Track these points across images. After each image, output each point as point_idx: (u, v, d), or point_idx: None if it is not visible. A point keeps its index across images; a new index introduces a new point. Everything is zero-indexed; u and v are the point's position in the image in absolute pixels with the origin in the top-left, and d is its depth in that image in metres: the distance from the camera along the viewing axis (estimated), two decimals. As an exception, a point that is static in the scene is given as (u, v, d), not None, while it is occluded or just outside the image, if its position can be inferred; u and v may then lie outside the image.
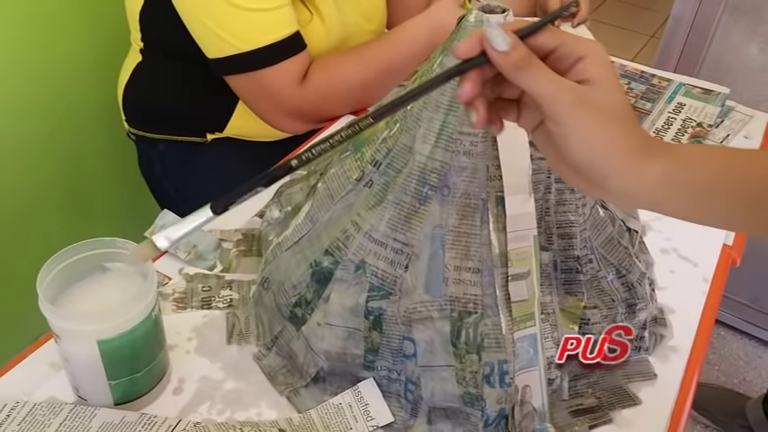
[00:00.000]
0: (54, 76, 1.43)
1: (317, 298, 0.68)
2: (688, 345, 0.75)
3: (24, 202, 1.50)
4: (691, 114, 1.17)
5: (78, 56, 1.46)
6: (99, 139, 1.59)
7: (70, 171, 1.57)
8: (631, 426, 0.67)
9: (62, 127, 1.49)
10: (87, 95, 1.51)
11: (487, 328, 0.63)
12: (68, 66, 1.45)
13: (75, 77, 1.48)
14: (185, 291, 0.78)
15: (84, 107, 1.51)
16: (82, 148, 1.57)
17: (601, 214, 0.73)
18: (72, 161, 1.56)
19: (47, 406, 0.64)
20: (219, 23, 0.96)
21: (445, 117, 0.64)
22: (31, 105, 1.41)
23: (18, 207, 1.49)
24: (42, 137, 1.46)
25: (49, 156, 1.50)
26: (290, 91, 1.01)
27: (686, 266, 0.85)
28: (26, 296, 1.69)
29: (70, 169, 1.57)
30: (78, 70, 1.47)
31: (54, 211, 1.58)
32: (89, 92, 1.51)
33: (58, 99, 1.46)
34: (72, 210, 1.62)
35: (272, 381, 0.69)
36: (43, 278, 0.59)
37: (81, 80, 1.49)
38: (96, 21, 1.45)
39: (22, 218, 1.51)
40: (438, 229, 0.64)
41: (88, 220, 1.65)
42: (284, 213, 0.79)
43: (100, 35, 1.47)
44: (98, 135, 1.58)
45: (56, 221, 1.60)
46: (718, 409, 1.67)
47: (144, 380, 0.64)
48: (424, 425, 0.65)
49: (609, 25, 3.25)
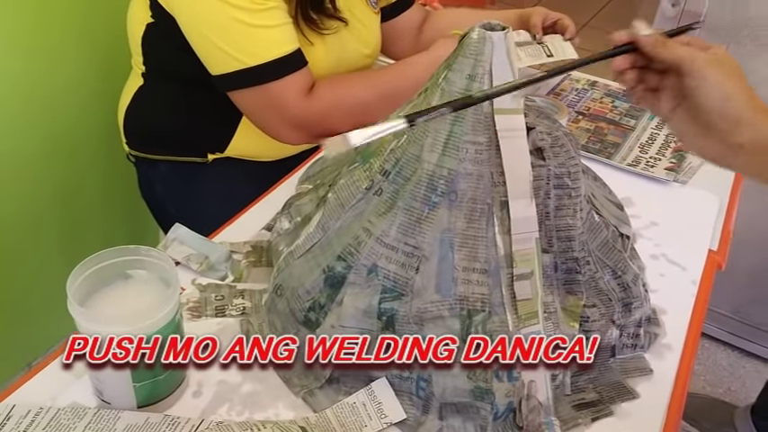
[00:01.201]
0: (53, 99, 1.45)
1: (330, 302, 0.71)
2: (680, 342, 0.79)
3: (22, 225, 1.52)
4: (673, 130, 1.22)
5: (77, 80, 1.49)
6: (96, 161, 1.61)
7: (67, 193, 1.59)
8: (631, 417, 0.70)
9: (60, 149, 1.52)
10: (85, 118, 1.54)
11: (495, 325, 0.66)
12: (67, 89, 1.48)
13: (74, 101, 1.50)
14: (199, 300, 0.80)
15: (81, 130, 1.54)
16: (79, 170, 1.59)
17: (596, 219, 0.77)
18: (69, 183, 1.59)
19: (71, 410, 0.66)
20: (226, 40, 1.00)
21: (451, 127, 0.68)
22: (30, 128, 1.43)
23: (15, 230, 1.51)
24: (40, 159, 1.48)
25: (47, 177, 1.52)
26: (296, 102, 1.05)
27: (675, 270, 0.90)
28: (21, 321, 1.71)
29: (67, 191, 1.59)
30: (77, 94, 1.50)
31: (51, 234, 1.60)
32: (87, 115, 1.54)
33: (56, 122, 1.48)
34: (69, 232, 1.64)
35: (287, 383, 0.72)
36: (72, 283, 0.62)
37: (79, 103, 1.52)
38: (95, 46, 1.49)
39: (18, 240, 1.53)
40: (447, 233, 0.67)
41: (85, 241, 1.67)
42: (294, 224, 0.83)
43: (98, 60, 1.50)
44: (95, 157, 1.61)
45: (53, 244, 1.61)
46: (705, 419, 1.71)
47: (166, 383, 0.67)
48: (435, 420, 0.68)
49: (587, 51, 3.33)
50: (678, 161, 1.13)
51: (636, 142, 1.19)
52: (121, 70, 1.29)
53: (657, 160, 1.13)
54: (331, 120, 1.10)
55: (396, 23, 1.33)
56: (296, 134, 1.10)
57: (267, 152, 1.21)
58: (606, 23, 3.67)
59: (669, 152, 1.15)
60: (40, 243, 1.57)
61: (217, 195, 1.21)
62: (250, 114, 1.11)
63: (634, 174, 1.10)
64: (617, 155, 1.15)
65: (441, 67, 0.71)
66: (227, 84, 1.05)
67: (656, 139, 1.20)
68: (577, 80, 1.39)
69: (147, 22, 1.12)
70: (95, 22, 1.47)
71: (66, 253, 1.64)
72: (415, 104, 0.74)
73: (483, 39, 0.67)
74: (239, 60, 1.01)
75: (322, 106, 1.07)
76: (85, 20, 1.45)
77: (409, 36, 1.37)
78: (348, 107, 1.10)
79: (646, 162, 1.13)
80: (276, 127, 1.10)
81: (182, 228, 0.87)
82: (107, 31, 1.48)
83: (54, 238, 1.60)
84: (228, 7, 0.98)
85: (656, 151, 1.16)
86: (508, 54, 0.68)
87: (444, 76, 0.70)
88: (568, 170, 0.73)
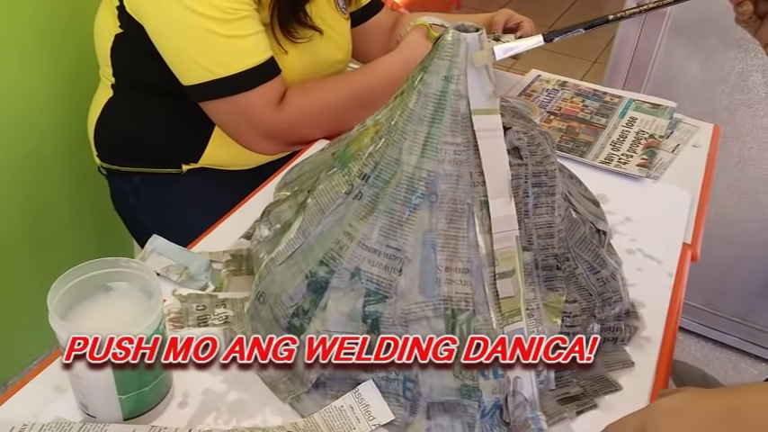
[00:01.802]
0: (18, 113, 1.43)
1: (314, 307, 0.71)
2: (659, 334, 0.81)
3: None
4: (643, 127, 1.25)
5: (43, 93, 1.48)
6: (65, 174, 1.60)
7: (37, 208, 1.58)
8: (615, 410, 0.71)
9: (28, 164, 1.50)
10: (52, 132, 1.52)
11: (479, 323, 0.67)
12: (33, 103, 1.46)
13: (40, 114, 1.49)
14: (180, 311, 0.80)
15: (48, 143, 1.52)
16: (48, 185, 1.57)
17: (574, 216, 0.78)
18: (38, 197, 1.57)
19: (56, 426, 0.65)
20: (197, 50, 0.99)
21: (429, 129, 0.69)
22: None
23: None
24: (7, 174, 1.46)
25: (15, 193, 1.50)
26: (269, 113, 1.04)
27: (651, 264, 0.91)
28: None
29: (37, 206, 1.57)
30: (43, 107, 1.49)
31: (22, 250, 1.58)
32: (54, 128, 1.52)
33: (22, 136, 1.46)
34: (40, 247, 1.62)
35: (273, 389, 0.72)
36: (53, 297, 0.61)
37: (45, 116, 1.50)
38: (59, 58, 1.47)
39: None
40: (428, 234, 0.68)
41: (57, 256, 1.65)
42: (274, 231, 0.83)
43: (64, 72, 1.49)
44: (64, 171, 1.59)
45: (24, 260, 1.59)
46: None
47: (151, 394, 0.66)
48: (423, 420, 0.68)
49: (554, 53, 3.37)
50: (650, 157, 1.14)
51: (607, 140, 1.20)
52: (88, 82, 1.28)
53: (629, 157, 1.15)
54: (304, 127, 1.10)
55: (366, 27, 1.34)
56: (269, 144, 1.10)
57: (241, 161, 1.21)
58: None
59: (640, 149, 1.17)
60: (10, 260, 1.55)
61: (192, 206, 1.20)
62: (222, 125, 1.11)
63: (607, 171, 1.12)
64: (589, 153, 1.16)
65: (416, 69, 0.72)
66: (199, 94, 1.04)
67: (626, 137, 1.21)
68: (548, 81, 1.41)
69: (116, 33, 1.11)
70: (59, 34, 1.45)
71: (38, 269, 1.62)
72: (393, 107, 0.74)
73: (457, 40, 0.68)
74: (210, 71, 1.00)
75: (294, 115, 1.07)
76: (48, 32, 1.44)
77: (380, 39, 1.37)
78: (320, 114, 1.10)
79: (618, 159, 1.14)
80: (248, 137, 1.09)
81: (160, 239, 0.86)
82: (71, 43, 1.47)
83: (25, 254, 1.58)
84: (199, 17, 0.98)
85: (628, 148, 1.18)
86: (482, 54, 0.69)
87: (420, 78, 0.70)
88: (546, 168, 0.74)
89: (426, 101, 0.69)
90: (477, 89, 0.68)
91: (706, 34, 1.60)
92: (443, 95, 0.69)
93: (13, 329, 1.62)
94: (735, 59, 1.62)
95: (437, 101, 0.69)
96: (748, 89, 1.64)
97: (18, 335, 1.64)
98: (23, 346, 1.67)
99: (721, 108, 1.67)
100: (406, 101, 0.71)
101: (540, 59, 1.34)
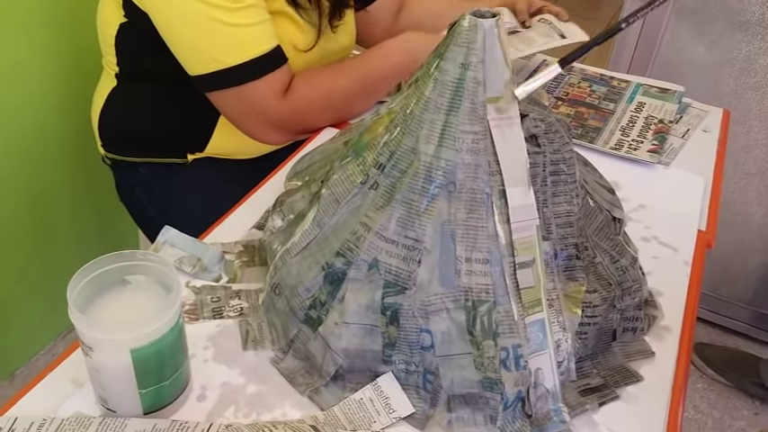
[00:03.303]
0: (19, 103, 1.42)
1: (331, 299, 0.70)
2: (678, 323, 0.80)
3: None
4: (652, 112, 1.24)
5: (44, 83, 1.46)
6: (66, 164, 1.59)
7: (38, 198, 1.57)
8: (637, 400, 0.71)
9: (29, 154, 1.49)
10: (54, 121, 1.51)
11: (500, 314, 0.66)
12: (34, 93, 1.45)
13: (42, 104, 1.48)
14: (195, 303, 0.79)
15: (50, 133, 1.51)
16: (49, 175, 1.56)
17: (591, 204, 0.77)
18: (40, 188, 1.56)
19: (75, 420, 0.65)
20: (204, 40, 0.98)
21: (446, 117, 0.68)
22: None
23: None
24: (8, 164, 1.45)
25: (17, 184, 1.49)
26: (275, 103, 1.03)
27: (667, 252, 0.90)
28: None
29: (38, 196, 1.57)
30: (45, 97, 1.48)
31: (25, 240, 1.57)
32: (56, 118, 1.51)
33: (23, 126, 1.45)
34: (42, 238, 1.61)
35: (291, 382, 0.71)
36: (72, 290, 0.61)
37: (47, 106, 1.49)
38: (61, 48, 1.46)
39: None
40: (447, 224, 0.67)
41: (59, 247, 1.64)
42: (287, 222, 0.82)
43: (65, 62, 1.47)
44: (65, 161, 1.58)
45: (28, 251, 1.58)
46: (732, 368, 1.83)
47: (170, 388, 0.66)
48: (444, 413, 0.68)
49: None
50: (660, 143, 1.14)
51: (617, 126, 1.19)
52: (90, 71, 1.26)
53: (640, 143, 1.14)
54: (310, 116, 1.09)
55: (371, 12, 1.33)
56: (275, 134, 1.10)
57: (247, 149, 1.20)
58: (570, 6, 3.69)
59: (650, 134, 1.16)
60: (12, 249, 1.54)
61: (198, 196, 1.19)
62: (228, 115, 1.10)
63: (618, 157, 1.11)
64: (599, 139, 1.15)
65: (431, 56, 0.71)
66: (205, 84, 1.03)
67: (635, 122, 1.20)
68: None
69: (120, 22, 1.10)
70: (61, 22, 1.44)
71: (41, 259, 1.61)
72: (407, 95, 0.73)
73: (474, 26, 0.67)
74: (217, 60, 0.99)
75: (300, 104, 1.06)
76: (51, 20, 1.42)
77: (385, 24, 1.36)
78: (326, 102, 1.09)
79: (628, 145, 1.13)
80: (255, 128, 1.09)
81: (172, 230, 0.85)
82: (73, 32, 1.45)
83: (28, 244, 1.57)
84: (205, 6, 0.96)
85: (638, 134, 1.17)
86: (500, 41, 0.68)
87: (437, 65, 0.69)
88: (563, 156, 0.73)
89: (443, 88, 0.68)
90: (493, 76, 0.67)
91: (712, 17, 1.59)
92: (461, 83, 0.68)
93: (19, 319, 1.62)
94: (741, 42, 1.60)
95: (454, 88, 0.68)
96: (755, 72, 1.63)
97: (24, 324, 1.63)
98: (29, 336, 1.67)
99: (728, 92, 1.66)
100: (422, 89, 0.70)
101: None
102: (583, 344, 0.73)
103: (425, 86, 0.70)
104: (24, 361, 1.69)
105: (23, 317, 1.62)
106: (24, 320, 1.63)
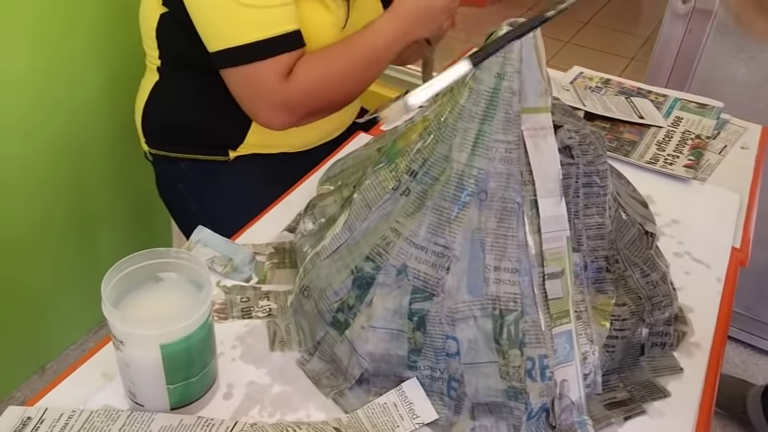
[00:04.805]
0: (62, 100, 1.45)
1: (359, 303, 0.71)
2: (708, 341, 0.79)
3: (31, 227, 1.52)
4: (689, 127, 1.22)
5: (86, 80, 1.49)
6: (106, 161, 1.62)
7: (78, 193, 1.60)
8: (663, 416, 0.70)
9: (70, 150, 1.52)
10: (96, 118, 1.54)
11: (527, 324, 0.66)
12: (77, 90, 1.48)
13: (84, 102, 1.50)
14: (225, 302, 0.80)
15: (91, 129, 1.54)
16: (90, 170, 1.59)
17: (623, 217, 0.77)
18: (80, 183, 1.59)
19: (104, 413, 0.66)
20: (219, 16, 1.01)
21: (480, 126, 0.68)
22: (36, 130, 1.43)
23: (24, 232, 1.51)
24: (50, 160, 1.48)
25: (58, 178, 1.52)
26: (277, 84, 1.04)
27: (700, 268, 0.90)
28: (32, 324, 1.71)
29: (78, 191, 1.59)
30: (87, 95, 1.50)
31: (62, 235, 1.60)
32: (99, 115, 1.54)
33: (67, 122, 1.48)
34: (80, 233, 1.64)
35: (317, 384, 0.72)
36: (106, 286, 0.62)
37: (90, 104, 1.52)
38: (104, 47, 1.49)
39: (28, 242, 1.53)
40: (477, 233, 0.67)
41: (95, 245, 1.67)
42: (318, 225, 0.83)
43: (109, 59, 1.50)
44: (105, 158, 1.61)
45: (63, 245, 1.61)
46: (720, 393, 1.74)
47: (198, 385, 0.67)
48: (467, 420, 0.68)
49: (589, 49, 3.33)
50: (696, 158, 1.12)
51: (653, 140, 1.18)
52: (135, 72, 1.29)
53: (675, 158, 1.13)
54: (313, 98, 1.10)
55: None
56: (280, 116, 1.09)
57: (287, 142, 1.21)
58: (608, 21, 3.68)
59: (687, 149, 1.15)
60: (50, 246, 1.57)
61: (240, 194, 1.21)
62: (236, 95, 1.10)
63: (653, 171, 1.10)
64: (634, 152, 1.15)
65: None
66: (218, 61, 1.05)
67: (672, 137, 1.19)
68: (590, 78, 1.39)
69: (161, 13, 1.13)
70: (106, 23, 1.47)
71: (76, 256, 1.64)
72: (442, 103, 0.74)
73: (511, 37, 0.67)
74: (228, 38, 1.02)
75: (302, 86, 1.07)
76: (96, 20, 1.45)
77: None
78: (329, 82, 1.10)
79: (664, 160, 1.12)
80: (259, 108, 1.09)
81: (205, 230, 0.87)
82: (118, 32, 1.48)
83: (63, 240, 1.60)
84: None
85: (674, 149, 1.16)
86: (536, 51, 0.68)
87: (472, 75, 0.69)
88: (597, 168, 0.72)
89: (478, 98, 0.68)
90: (529, 87, 0.67)
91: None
92: (496, 92, 0.68)
93: (52, 314, 1.65)
94: (782, 59, 1.58)
95: (489, 98, 0.68)
96: (795, 90, 1.60)
97: (56, 319, 1.66)
98: (61, 330, 1.70)
99: (767, 109, 1.64)
100: (457, 97, 0.71)
101: (575, 56, 1.33)
102: (610, 357, 0.72)
103: (460, 95, 0.70)
104: (55, 356, 1.72)
105: (56, 311, 1.65)
106: (57, 315, 1.66)
